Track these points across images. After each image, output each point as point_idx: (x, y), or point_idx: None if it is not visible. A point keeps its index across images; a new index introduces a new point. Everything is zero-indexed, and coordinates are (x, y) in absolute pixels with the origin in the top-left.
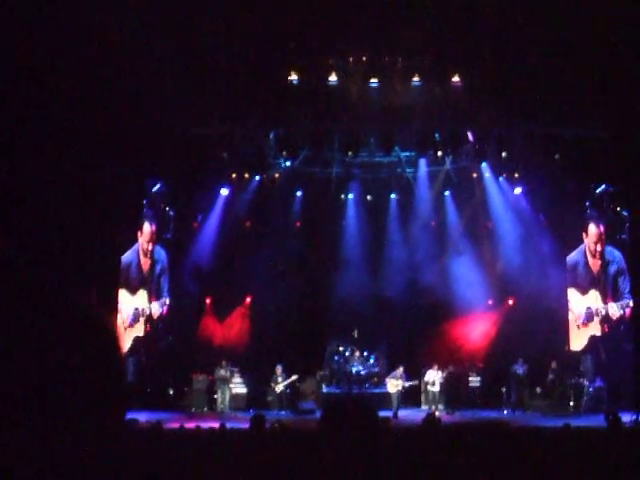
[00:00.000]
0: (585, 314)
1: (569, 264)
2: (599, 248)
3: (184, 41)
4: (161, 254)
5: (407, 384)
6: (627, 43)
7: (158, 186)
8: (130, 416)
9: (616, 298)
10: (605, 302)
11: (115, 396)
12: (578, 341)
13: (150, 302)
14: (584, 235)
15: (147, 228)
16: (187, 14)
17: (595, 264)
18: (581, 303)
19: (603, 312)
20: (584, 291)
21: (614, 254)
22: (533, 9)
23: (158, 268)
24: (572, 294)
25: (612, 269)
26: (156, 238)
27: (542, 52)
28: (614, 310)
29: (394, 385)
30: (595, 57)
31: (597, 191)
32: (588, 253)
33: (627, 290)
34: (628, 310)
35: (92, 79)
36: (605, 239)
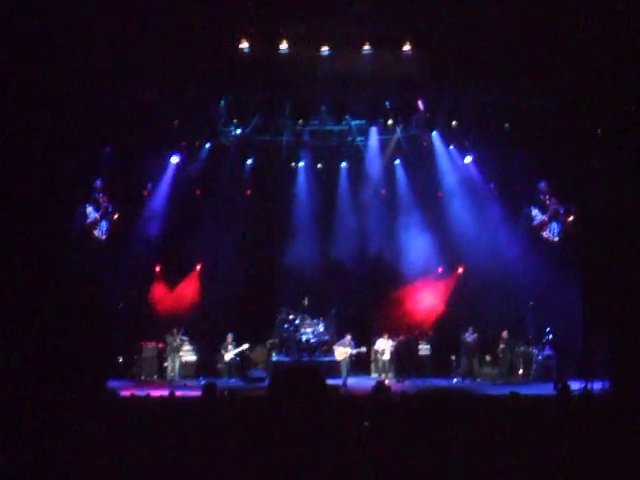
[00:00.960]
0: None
1: None
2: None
3: (135, 7)
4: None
5: (355, 351)
6: (577, 10)
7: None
8: None
9: None
10: None
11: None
12: None
13: None
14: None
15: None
16: None
17: None
18: None
19: None
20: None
21: None
22: None
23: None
24: None
25: None
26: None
27: (492, 19)
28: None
29: (342, 353)
30: (544, 24)
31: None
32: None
33: None
34: None
35: (43, 44)
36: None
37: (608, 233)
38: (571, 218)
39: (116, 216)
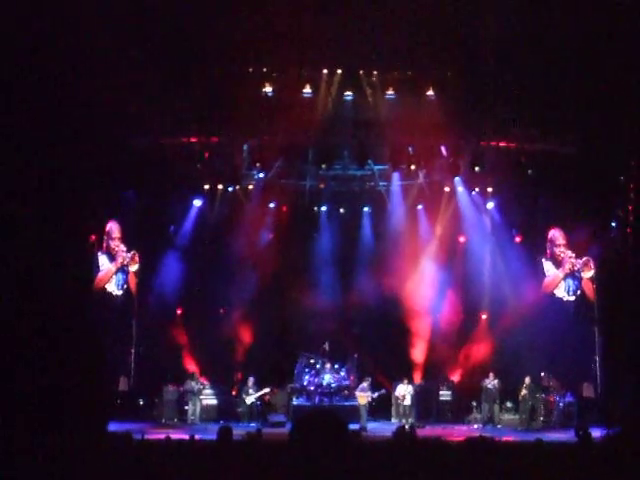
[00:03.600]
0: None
1: None
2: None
3: (161, 52)
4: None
5: (376, 394)
6: (600, 61)
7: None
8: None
9: None
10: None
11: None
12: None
13: None
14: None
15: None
16: (164, 25)
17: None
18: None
19: None
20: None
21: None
22: (506, 26)
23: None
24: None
25: None
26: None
27: (516, 68)
28: None
29: (364, 397)
30: (567, 74)
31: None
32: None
33: None
34: None
35: (68, 88)
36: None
37: (628, 288)
38: (589, 274)
39: (135, 267)
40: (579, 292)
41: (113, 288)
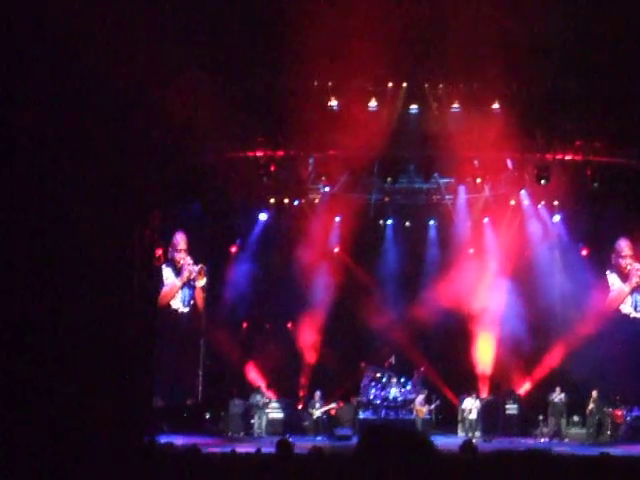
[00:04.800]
0: None
1: None
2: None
3: (226, 65)
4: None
5: (433, 406)
6: None
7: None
8: (166, 439)
9: None
10: None
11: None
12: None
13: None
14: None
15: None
16: (230, 37)
17: None
18: None
19: None
20: None
21: None
22: (574, 35)
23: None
24: None
25: None
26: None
27: (582, 79)
28: None
29: (422, 411)
30: (633, 85)
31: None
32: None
33: None
34: None
35: (135, 103)
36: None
37: None
38: None
39: (202, 282)
40: None
41: (178, 305)
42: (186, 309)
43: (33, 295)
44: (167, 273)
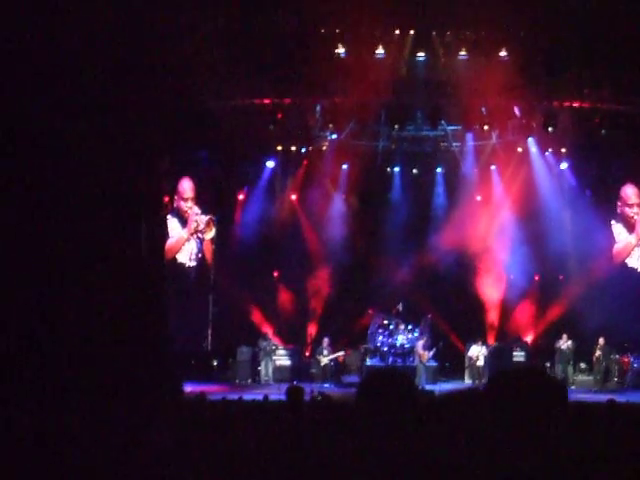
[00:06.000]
0: None
1: None
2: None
3: (234, 14)
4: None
5: (431, 353)
6: None
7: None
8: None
9: None
10: None
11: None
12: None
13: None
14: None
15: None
16: None
17: None
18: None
19: None
20: None
21: None
22: None
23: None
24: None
25: None
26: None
27: (590, 27)
28: None
29: (424, 356)
30: None
31: None
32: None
33: None
34: None
35: (142, 50)
36: None
37: None
38: None
39: (211, 235)
40: None
41: (185, 259)
42: (193, 263)
43: (43, 247)
44: (172, 224)
